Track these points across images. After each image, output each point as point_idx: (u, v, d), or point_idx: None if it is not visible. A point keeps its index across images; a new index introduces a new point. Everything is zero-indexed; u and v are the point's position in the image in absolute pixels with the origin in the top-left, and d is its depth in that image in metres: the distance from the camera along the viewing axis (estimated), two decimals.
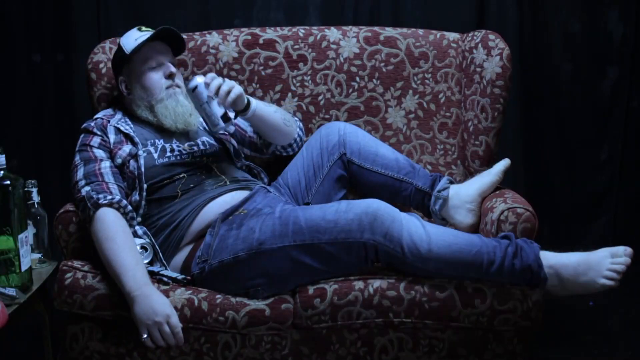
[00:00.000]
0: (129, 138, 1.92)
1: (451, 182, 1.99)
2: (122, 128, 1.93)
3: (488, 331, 1.72)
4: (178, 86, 1.97)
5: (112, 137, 1.91)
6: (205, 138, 2.00)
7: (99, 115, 2.00)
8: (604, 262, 1.66)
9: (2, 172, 1.71)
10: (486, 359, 1.74)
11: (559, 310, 2.45)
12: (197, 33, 2.23)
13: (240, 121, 2.10)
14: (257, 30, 2.23)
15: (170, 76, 1.96)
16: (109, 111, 2.01)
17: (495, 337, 1.73)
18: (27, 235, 1.78)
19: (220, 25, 2.48)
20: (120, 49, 1.98)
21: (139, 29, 1.98)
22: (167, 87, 1.95)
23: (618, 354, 2.29)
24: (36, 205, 2.00)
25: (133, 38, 1.95)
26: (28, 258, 1.78)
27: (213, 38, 2.21)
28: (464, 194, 1.94)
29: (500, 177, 1.94)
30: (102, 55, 2.12)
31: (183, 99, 1.96)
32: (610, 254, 1.67)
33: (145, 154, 1.89)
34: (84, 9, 2.66)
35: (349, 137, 2.00)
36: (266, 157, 2.14)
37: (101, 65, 2.10)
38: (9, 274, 1.74)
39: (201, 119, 1.98)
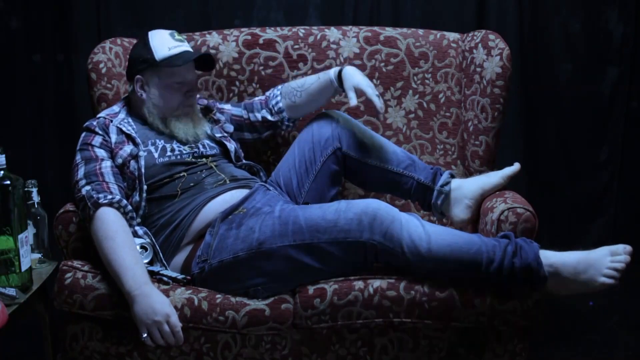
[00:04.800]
0: (130, 138, 1.91)
1: (452, 176, 1.98)
2: (124, 128, 1.92)
3: (488, 331, 1.72)
4: (193, 103, 1.97)
5: (113, 137, 1.90)
6: (206, 141, 1.99)
7: (102, 114, 1.97)
8: (604, 260, 1.66)
9: (2, 172, 1.71)
10: (486, 359, 1.74)
11: (559, 310, 2.46)
12: (197, 33, 2.23)
13: (232, 108, 2.10)
14: (257, 30, 2.23)
15: (189, 92, 1.95)
16: (114, 109, 1.98)
17: (495, 337, 1.73)
18: (27, 235, 1.78)
19: (220, 25, 2.49)
20: (147, 48, 1.91)
21: (172, 36, 1.93)
22: (184, 104, 1.95)
23: (618, 354, 2.29)
24: (36, 205, 2.00)
25: (166, 46, 1.91)
26: (28, 258, 1.78)
27: (213, 38, 2.21)
28: (466, 189, 1.93)
29: (505, 181, 1.93)
30: (102, 55, 2.11)
31: (194, 113, 1.97)
32: (610, 252, 1.67)
33: (145, 154, 1.89)
34: (84, 9, 2.66)
35: (343, 130, 1.97)
36: (265, 137, 2.14)
37: (101, 65, 2.09)
38: (9, 274, 1.74)
39: (206, 128, 1.99)
